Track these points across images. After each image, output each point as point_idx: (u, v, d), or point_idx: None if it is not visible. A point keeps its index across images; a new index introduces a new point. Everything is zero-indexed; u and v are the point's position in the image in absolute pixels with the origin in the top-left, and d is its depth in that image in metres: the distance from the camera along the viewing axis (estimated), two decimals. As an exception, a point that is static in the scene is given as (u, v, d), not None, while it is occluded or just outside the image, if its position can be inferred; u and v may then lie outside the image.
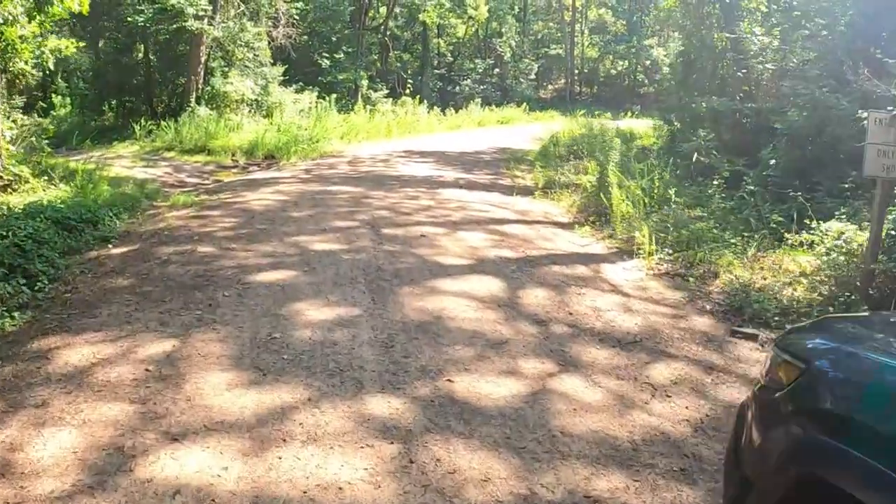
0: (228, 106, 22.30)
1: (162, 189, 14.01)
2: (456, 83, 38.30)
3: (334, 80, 27.99)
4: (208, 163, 18.53)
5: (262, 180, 14.73)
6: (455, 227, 10.50)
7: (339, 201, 12.07)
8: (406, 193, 13.22)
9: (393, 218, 10.90)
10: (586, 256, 9.50)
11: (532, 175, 16.71)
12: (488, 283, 7.82)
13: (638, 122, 35.36)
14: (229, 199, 12.21)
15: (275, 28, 24.54)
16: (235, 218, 10.55)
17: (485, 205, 12.55)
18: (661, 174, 12.65)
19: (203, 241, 9.16)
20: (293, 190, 13.14)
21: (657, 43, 45.15)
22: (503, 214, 11.87)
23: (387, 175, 15.57)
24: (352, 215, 10.92)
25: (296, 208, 11.30)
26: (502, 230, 10.59)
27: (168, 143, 20.09)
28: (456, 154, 20.74)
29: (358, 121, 24.55)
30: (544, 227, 11.22)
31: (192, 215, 10.90)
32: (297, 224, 10.15)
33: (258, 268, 7.95)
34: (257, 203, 11.73)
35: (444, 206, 12.23)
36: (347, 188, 13.49)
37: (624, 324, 6.88)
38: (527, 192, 14.34)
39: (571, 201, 12.99)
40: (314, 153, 19.77)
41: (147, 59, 25.52)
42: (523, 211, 12.38)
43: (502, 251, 9.29)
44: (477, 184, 15.09)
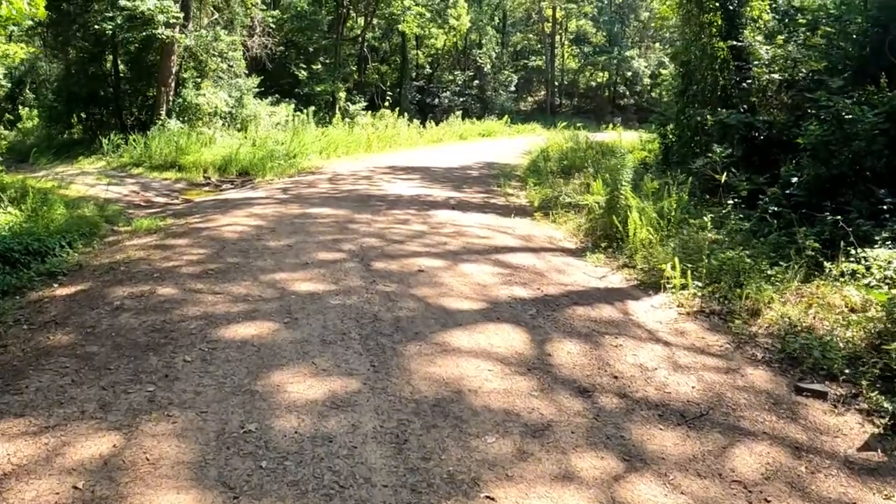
0: (201, 119, 20.73)
1: (125, 211, 12.51)
2: (435, 95, 36.90)
3: (311, 91, 26.45)
4: (178, 180, 16.97)
5: (235, 201, 13.16)
6: (455, 259, 9.04)
7: (321, 227, 10.56)
8: (395, 217, 11.73)
9: (384, 248, 9.40)
10: (608, 292, 8.17)
11: (525, 193, 15.39)
12: (508, 334, 6.38)
13: (624, 134, 34.16)
14: (198, 224, 10.65)
15: (250, 37, 22.95)
16: (204, 248, 8.99)
17: (483, 229, 11.13)
18: (677, 194, 11.31)
19: (165, 279, 7.62)
20: (270, 213, 11.60)
21: (638, 54, 43.97)
22: (505, 241, 10.44)
23: (371, 195, 14.06)
24: (337, 244, 9.40)
25: (273, 236, 9.77)
26: (508, 261, 9.19)
27: (136, 158, 18.53)
28: (442, 170, 19.28)
29: (337, 135, 23.03)
30: (552, 255, 9.82)
31: (155, 244, 9.35)
32: (274, 257, 8.61)
33: (228, 318, 6.42)
34: (229, 229, 10.18)
35: (438, 231, 10.77)
36: (330, 210, 11.98)
37: (679, 388, 5.55)
38: (524, 212, 13.02)
39: (576, 224, 11.69)
40: (291, 169, 18.24)
41: (116, 70, 23.84)
42: (526, 236, 10.98)
43: (514, 289, 7.87)
44: (470, 204, 13.65)
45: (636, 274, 8.83)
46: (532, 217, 12.59)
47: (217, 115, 21.05)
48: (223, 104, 20.95)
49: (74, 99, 23.35)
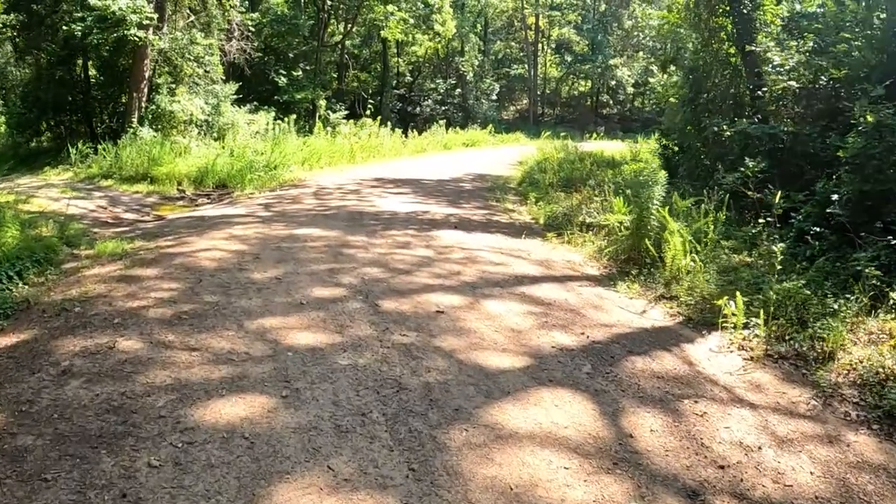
0: (175, 127, 19.04)
1: (89, 230, 10.88)
2: (416, 104, 35.35)
3: (291, 99, 24.79)
4: (150, 193, 15.30)
5: (213, 219, 11.53)
6: (475, 294, 7.53)
7: (312, 252, 8.97)
8: (394, 239, 10.17)
9: (389, 280, 7.84)
10: (657, 334, 6.79)
11: (527, 208, 13.99)
12: (571, 405, 4.92)
13: (609, 144, 32.94)
14: (171, 249, 9.03)
15: (228, 41, 21.26)
16: (177, 282, 7.37)
17: (495, 253, 9.64)
18: (713, 213, 9.96)
19: (128, 326, 6.01)
20: (252, 234, 9.99)
21: (622, 63, 42.70)
22: (523, 268, 8.95)
23: (363, 212, 12.49)
24: (334, 276, 7.82)
25: (257, 265, 8.17)
26: (535, 295, 7.72)
27: (106, 169, 16.85)
28: (433, 183, 17.75)
29: (319, 145, 21.39)
30: (580, 285, 8.39)
31: (119, 275, 7.73)
32: (261, 294, 7.01)
33: (208, 389, 4.83)
34: (207, 256, 8.56)
35: (446, 256, 9.26)
36: (319, 231, 10.40)
37: (797, 475, 4.27)
38: (532, 231, 11.64)
39: (596, 247, 10.31)
40: (273, 182, 16.62)
41: (86, 74, 22.08)
42: (543, 261, 9.52)
43: (555, 335, 6.40)
44: (472, 222, 12.14)
45: (678, 307, 7.55)
46: (543, 238, 11.14)
47: (192, 123, 19.36)
48: (199, 111, 19.27)
49: (42, 105, 21.56)
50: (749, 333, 6.59)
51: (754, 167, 11.51)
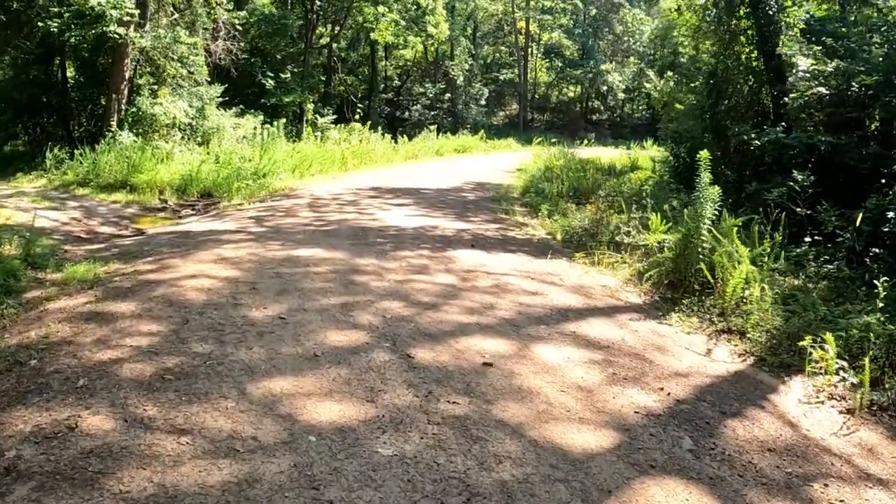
0: (157, 131, 17.49)
1: (59, 247, 9.44)
2: (405, 108, 33.87)
3: (279, 102, 23.24)
4: (130, 203, 13.79)
5: (198, 235, 10.05)
6: (520, 335, 6.18)
7: (317, 280, 7.53)
8: (408, 261, 8.76)
9: (415, 318, 6.43)
10: (738, 383, 5.67)
11: (539, 221, 12.69)
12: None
13: (602, 150, 31.71)
14: (151, 274, 7.55)
15: (213, 41, 19.70)
16: (158, 322, 5.91)
17: (524, 278, 8.32)
18: (769, 234, 8.72)
19: (96, 391, 4.58)
20: (245, 256, 8.53)
21: (613, 68, 41.46)
22: (561, 297, 7.64)
23: (367, 227, 11.06)
24: (349, 313, 6.39)
25: (255, 297, 6.73)
26: (587, 334, 6.41)
27: (82, 176, 15.30)
28: (433, 192, 16.34)
29: (310, 151, 19.89)
30: (629, 318, 7.14)
31: (89, 310, 6.26)
32: (263, 341, 5.57)
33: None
34: (194, 285, 7.10)
35: (472, 284, 7.88)
36: (322, 252, 8.96)
37: None
38: (554, 250, 10.34)
39: (633, 269, 8.98)
40: (262, 191, 15.15)
41: (63, 74, 20.44)
42: (578, 287, 8.22)
43: (631, 392, 5.18)
44: (487, 239, 10.79)
45: (743, 344, 6.47)
46: (570, 258, 9.83)
47: (176, 126, 17.81)
48: (182, 115, 17.72)
49: (16, 107, 19.92)
50: (838, 379, 5.54)
51: (803, 181, 10.28)
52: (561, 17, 44.25)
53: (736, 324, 6.84)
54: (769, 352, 6.19)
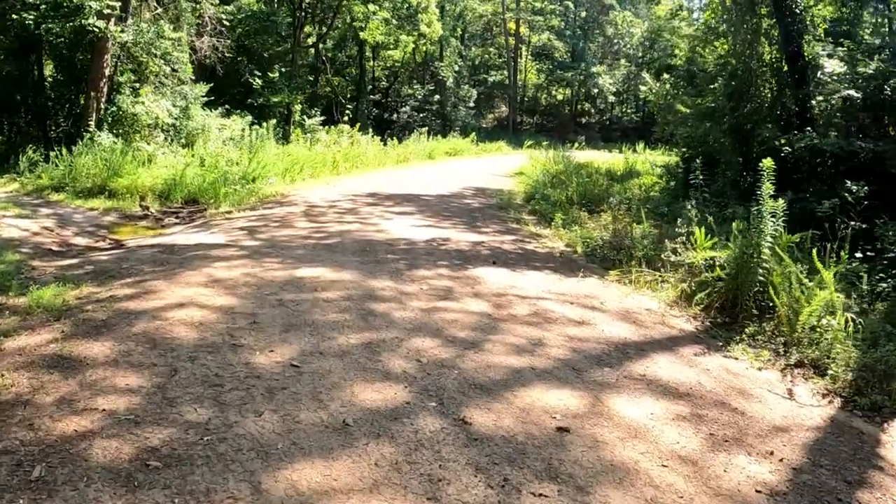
0: (138, 132, 16.05)
1: (27, 263, 8.09)
2: (393, 110, 32.50)
3: (267, 102, 21.82)
4: (108, 210, 12.39)
5: (185, 250, 8.70)
6: (584, 382, 5.08)
7: (329, 310, 6.22)
8: (428, 283, 7.48)
9: (457, 363, 5.18)
10: (844, 437, 4.68)
11: (553, 231, 11.47)
12: None
13: (596, 154, 30.62)
14: (130, 303, 6.21)
15: (199, 37, 18.25)
16: (138, 374, 4.60)
17: (562, 303, 7.16)
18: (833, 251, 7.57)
19: (56, 487, 3.28)
20: (239, 278, 7.20)
21: (605, 71, 40.30)
22: (611, 327, 6.52)
23: (373, 240, 9.76)
24: (375, 358, 5.12)
25: (258, 336, 5.43)
26: (659, 377, 5.30)
27: (58, 180, 13.83)
28: (434, 199, 15.06)
29: (301, 154, 18.50)
30: (693, 351, 6.08)
31: (53, 353, 4.95)
32: (275, 404, 4.28)
33: None
34: (181, 317, 5.77)
35: (508, 311, 6.65)
36: (329, 273, 7.65)
37: None
38: (580, 266, 9.07)
39: (677, 290, 7.78)
40: (252, 197, 13.78)
41: (40, 70, 18.89)
42: (623, 312, 7.07)
43: (738, 460, 4.14)
44: (507, 254, 9.56)
45: (823, 381, 5.54)
46: (600, 276, 8.68)
47: (158, 127, 16.37)
48: (165, 114, 16.28)
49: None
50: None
51: (857, 191, 9.14)
52: (552, 19, 42.98)
53: (809, 356, 5.88)
54: (856, 391, 5.30)
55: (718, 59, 18.30)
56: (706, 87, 19.11)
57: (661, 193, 16.58)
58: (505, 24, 42.22)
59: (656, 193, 16.77)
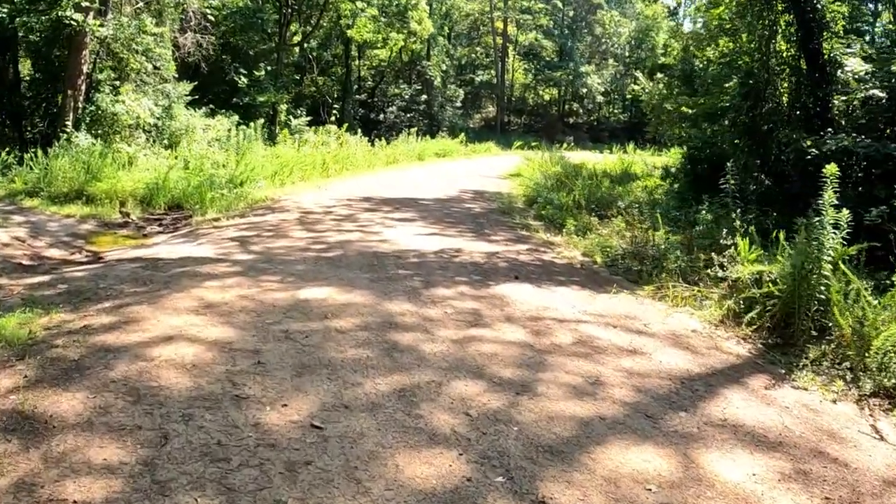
0: (119, 132, 14.89)
1: (-9, 282, 6.93)
2: (380, 110, 31.38)
3: (252, 102, 20.66)
4: (86, 217, 11.29)
5: (170, 265, 7.62)
6: (667, 435, 4.18)
7: (346, 344, 5.20)
8: (451, 304, 6.49)
9: (513, 414, 4.23)
10: None
11: (566, 239, 10.61)
12: None
13: (587, 154, 29.77)
14: (109, 336, 5.15)
15: (182, 33, 17.07)
16: (118, 443, 3.58)
17: (603, 326, 6.22)
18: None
19: None
20: (236, 302, 6.15)
21: (593, 71, 39.36)
22: (668, 357, 5.53)
23: (379, 252, 8.72)
24: (413, 410, 4.13)
25: (265, 383, 4.42)
26: (743, 423, 4.42)
27: (32, 184, 12.68)
28: (433, 203, 14.04)
29: (288, 155, 17.38)
30: (761, 384, 5.18)
31: (11, 413, 3.94)
32: (300, 489, 3.28)
33: None
34: (170, 357, 4.73)
35: (550, 340, 5.72)
36: (337, 293, 6.63)
37: None
38: (607, 280, 8.24)
39: (720, 307, 6.84)
40: (240, 203, 12.69)
41: (15, 67, 17.67)
42: (674, 337, 6.10)
43: None
44: (526, 267, 8.60)
45: None
46: (631, 291, 7.68)
47: (140, 127, 15.22)
48: (147, 114, 15.12)
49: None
50: None
51: (913, 198, 8.23)
52: (540, 17, 41.95)
53: (883, 384, 5.09)
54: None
55: (721, 57, 17.42)
56: (711, 86, 18.24)
57: (666, 197, 15.65)
58: (493, 22, 41.14)
59: (660, 196, 15.84)
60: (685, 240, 9.86)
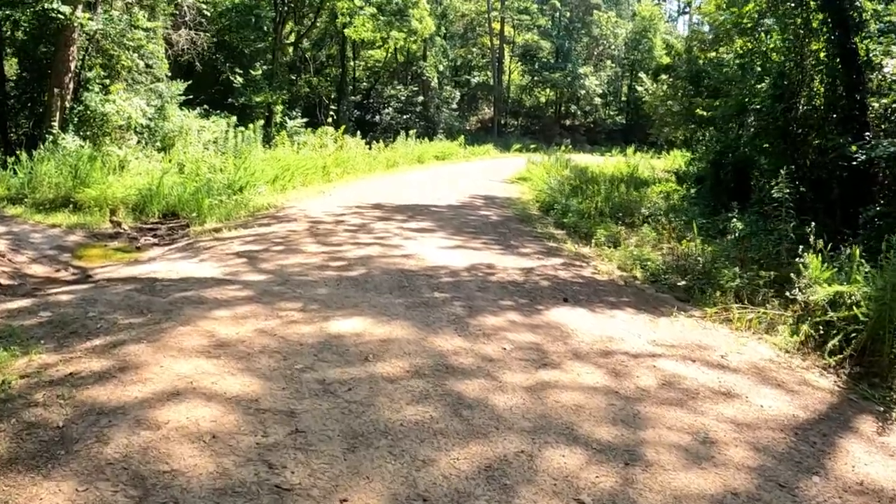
0: (109, 134, 13.75)
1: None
2: (375, 112, 30.25)
3: (249, 102, 19.50)
4: (73, 227, 10.16)
5: (170, 287, 6.52)
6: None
7: (400, 400, 4.14)
8: (507, 337, 5.47)
9: (631, 495, 3.23)
10: None
11: (597, 250, 9.67)
12: None
13: (588, 157, 28.78)
14: (101, 392, 4.09)
15: (175, 30, 15.90)
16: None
17: (681, 360, 5.24)
18: None
19: None
20: (254, 339, 5.08)
21: (591, 72, 38.36)
22: (766, 401, 4.61)
23: (406, 269, 7.66)
24: (513, 502, 2.96)
25: (308, 463, 3.41)
26: (880, 485, 3.52)
27: (15, 190, 11.54)
28: (447, 210, 13.00)
29: (288, 158, 16.25)
30: (871, 428, 4.33)
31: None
32: None
33: None
34: (182, 426, 3.66)
35: (633, 383, 4.77)
36: (372, 325, 5.57)
37: None
38: (658, 300, 7.27)
39: (800, 334, 5.85)
40: (241, 210, 11.60)
41: (0, 66, 16.43)
42: (758, 372, 5.18)
43: None
44: (570, 286, 7.57)
45: None
46: (686, 313, 6.70)
47: (131, 128, 14.06)
48: (139, 114, 13.97)
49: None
50: None
51: None
52: (538, 18, 40.86)
53: None
54: None
55: (738, 56, 16.42)
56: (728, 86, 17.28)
57: (687, 203, 14.64)
58: (490, 23, 40.03)
59: (679, 202, 14.84)
60: (738, 254, 8.89)
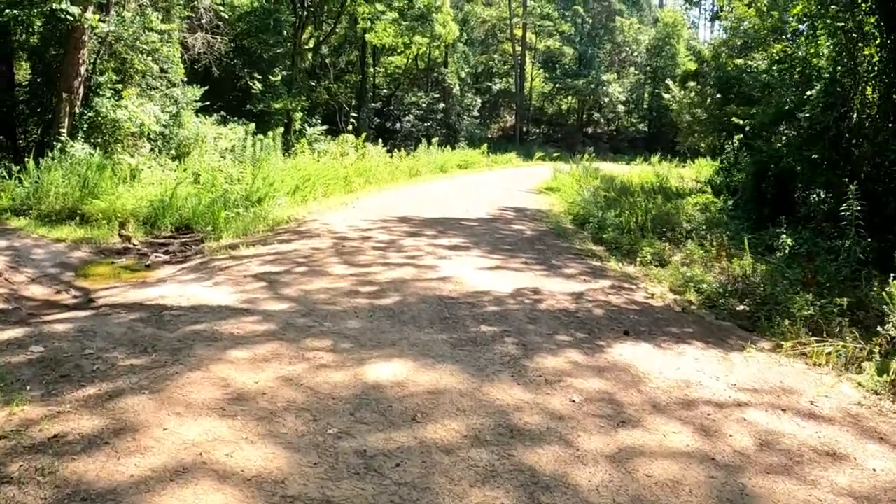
0: (120, 142, 13.01)
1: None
2: (396, 119, 29.47)
3: (268, 109, 18.74)
4: (79, 242, 9.40)
5: (179, 320, 5.72)
6: None
7: (462, 480, 3.37)
8: (572, 384, 4.66)
9: None
10: None
11: (643, 269, 8.86)
12: None
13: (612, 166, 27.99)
14: (90, 469, 3.34)
15: (191, 33, 15.16)
16: None
17: (773, 412, 4.47)
18: None
19: None
20: (277, 391, 4.29)
21: (615, 79, 37.48)
22: (874, 462, 3.74)
23: (444, 296, 6.83)
24: None
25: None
26: None
27: (20, 200, 10.81)
28: (479, 225, 12.17)
29: (309, 167, 15.46)
30: None
31: None
32: None
33: None
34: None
35: (728, 445, 4.06)
36: (415, 369, 4.74)
37: None
38: (723, 330, 6.49)
39: (889, 373, 5.10)
40: (260, 223, 10.81)
41: (10, 69, 15.79)
42: (853, 420, 4.40)
43: None
44: (627, 315, 6.75)
45: None
46: (756, 345, 5.95)
47: (144, 136, 13.31)
48: (153, 121, 13.22)
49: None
50: None
51: None
52: (560, 24, 39.99)
53: None
54: None
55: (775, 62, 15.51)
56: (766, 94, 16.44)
57: (726, 216, 13.75)
58: (511, 29, 39.18)
59: (718, 215, 13.95)
60: (801, 276, 8.06)
